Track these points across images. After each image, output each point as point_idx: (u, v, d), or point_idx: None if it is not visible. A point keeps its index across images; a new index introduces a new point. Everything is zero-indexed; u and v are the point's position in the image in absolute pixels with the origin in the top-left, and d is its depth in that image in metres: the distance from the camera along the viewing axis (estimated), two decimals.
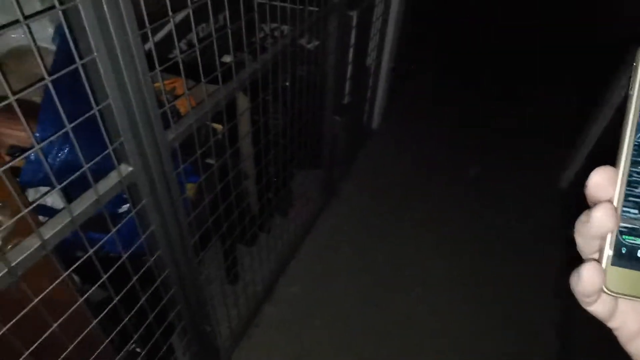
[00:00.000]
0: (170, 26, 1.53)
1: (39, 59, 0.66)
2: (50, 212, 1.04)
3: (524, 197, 2.73)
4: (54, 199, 1.07)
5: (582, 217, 0.31)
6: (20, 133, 0.92)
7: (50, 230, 0.76)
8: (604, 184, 0.31)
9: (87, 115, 0.75)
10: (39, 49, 0.66)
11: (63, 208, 0.78)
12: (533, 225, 2.55)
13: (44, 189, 1.06)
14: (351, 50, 2.15)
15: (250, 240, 2.15)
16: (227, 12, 1.17)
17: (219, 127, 1.45)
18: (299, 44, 1.69)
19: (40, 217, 0.94)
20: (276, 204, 2.24)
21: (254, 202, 2.06)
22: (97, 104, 0.77)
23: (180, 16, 1.54)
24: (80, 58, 0.71)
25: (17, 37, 1.04)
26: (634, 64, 0.31)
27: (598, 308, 0.33)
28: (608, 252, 0.31)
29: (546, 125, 3.32)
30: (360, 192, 2.70)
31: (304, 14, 1.55)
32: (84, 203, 0.81)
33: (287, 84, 1.70)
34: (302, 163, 2.35)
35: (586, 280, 0.31)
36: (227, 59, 1.32)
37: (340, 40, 1.89)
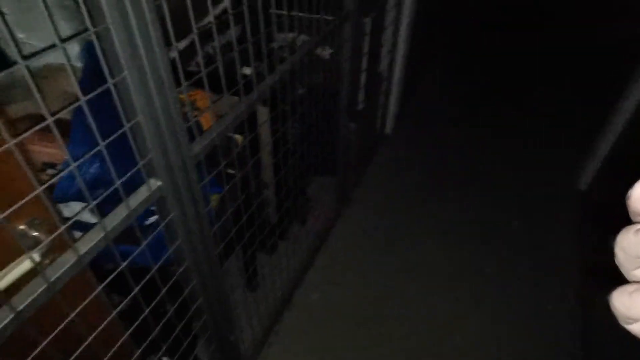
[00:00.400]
0: (188, 39, 1.56)
1: (72, 78, 0.68)
2: (80, 226, 1.06)
3: (542, 200, 2.70)
4: (83, 214, 1.09)
5: (630, 234, 0.29)
6: (52, 150, 0.94)
7: (86, 245, 0.77)
8: None
9: (119, 132, 0.77)
10: (68, 68, 0.68)
11: (96, 223, 0.80)
12: (552, 229, 2.52)
13: (73, 204, 1.09)
14: (365, 57, 2.16)
15: (271, 248, 2.17)
16: (246, 24, 1.19)
17: (239, 138, 1.47)
18: (315, 53, 1.71)
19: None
20: (294, 212, 2.25)
21: (273, 211, 2.08)
22: (128, 121, 0.79)
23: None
24: (111, 77, 0.73)
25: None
26: None
27: (637, 328, 0.31)
28: None
29: (561, 126, 3.29)
30: (375, 199, 2.70)
31: (320, 23, 1.57)
32: (117, 217, 0.83)
33: (304, 92, 1.71)
34: (317, 170, 2.37)
35: (627, 303, 0.29)
36: (247, 71, 1.34)
37: (354, 47, 1.90)
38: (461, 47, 4.30)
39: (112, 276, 0.86)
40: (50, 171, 0.96)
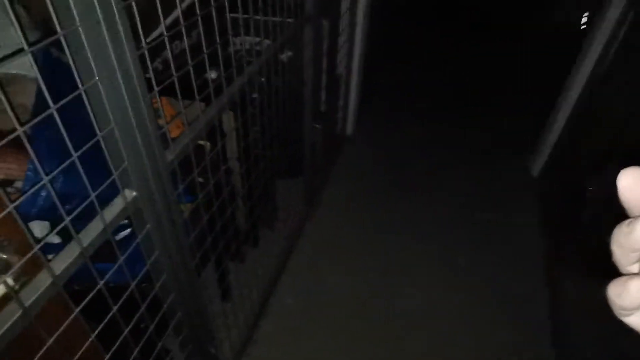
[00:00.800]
0: (156, 39, 1.50)
1: (30, 89, 0.64)
2: (47, 247, 0.98)
3: (502, 189, 2.83)
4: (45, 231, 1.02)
5: (624, 228, 0.29)
6: (10, 165, 0.87)
7: (61, 264, 0.72)
8: (637, 186, 0.29)
9: (92, 142, 0.72)
10: (23, 77, 0.64)
11: (70, 240, 0.75)
12: (516, 217, 2.64)
13: (34, 223, 1.01)
14: (324, 59, 2.18)
15: (241, 256, 2.12)
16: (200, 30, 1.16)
17: (207, 144, 1.43)
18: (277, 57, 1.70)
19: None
20: (263, 217, 2.22)
21: (242, 217, 2.04)
22: (100, 129, 0.75)
23: (155, 33, 1.52)
24: (73, 85, 0.69)
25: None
26: None
27: (633, 320, 0.31)
28: None
29: (513, 117, 3.46)
30: (342, 199, 2.72)
31: (281, 26, 1.56)
32: (92, 233, 0.78)
33: (267, 96, 1.69)
34: (284, 172, 2.35)
35: (632, 297, 0.29)
36: (214, 75, 1.31)
37: (315, 49, 1.91)
38: (416, 47, 4.43)
39: (90, 295, 0.81)
40: (10, 189, 0.89)
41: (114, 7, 0.68)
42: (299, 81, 1.94)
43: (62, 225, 0.68)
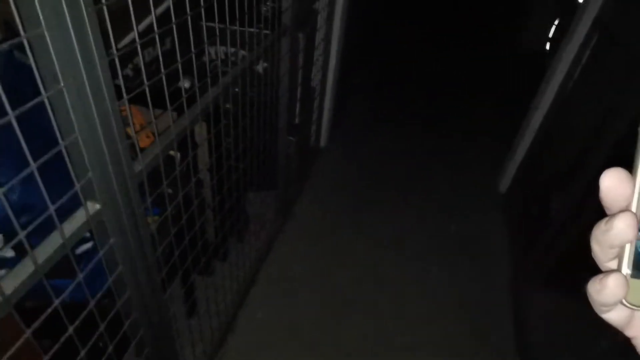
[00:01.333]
0: (128, 44, 1.45)
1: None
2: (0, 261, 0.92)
3: (473, 203, 2.88)
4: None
5: (602, 226, 0.30)
6: None
7: (13, 282, 0.67)
8: (618, 186, 0.30)
9: (54, 151, 0.68)
10: None
11: (25, 256, 0.70)
12: (484, 230, 2.69)
13: None
14: (300, 72, 2.17)
15: (209, 270, 2.06)
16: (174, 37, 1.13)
17: (176, 154, 1.39)
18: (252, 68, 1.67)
19: None
20: (233, 229, 2.17)
21: (211, 230, 1.98)
22: (63, 138, 0.70)
23: (126, 40, 1.47)
24: (36, 91, 0.64)
25: None
26: None
27: (613, 316, 0.32)
28: (627, 264, 0.30)
29: (484, 132, 3.56)
30: (315, 211, 2.70)
31: (259, 37, 1.55)
32: (49, 248, 0.73)
33: (242, 107, 1.67)
34: (256, 185, 2.31)
35: (610, 292, 0.30)
36: (187, 84, 1.28)
37: (291, 62, 1.90)
38: (390, 60, 4.50)
39: (43, 316, 0.75)
40: None
41: (84, 10, 0.65)
42: (274, 93, 1.92)
43: (16, 240, 0.63)
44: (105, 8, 0.70)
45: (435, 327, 2.11)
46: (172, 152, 1.39)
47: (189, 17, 1.12)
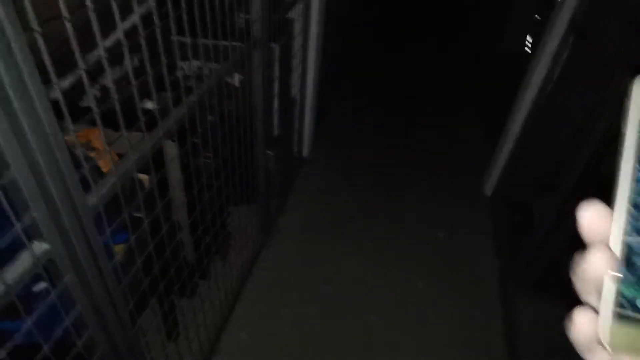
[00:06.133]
0: (75, 74, 1.39)
1: None
2: None
3: (458, 208, 2.86)
4: None
5: (581, 259, 0.29)
6: None
7: None
8: (597, 222, 0.29)
9: None
10: None
11: None
12: (471, 236, 2.66)
13: None
14: (276, 83, 2.13)
15: (190, 291, 2.00)
16: (144, 52, 1.08)
17: (144, 177, 1.33)
18: (225, 81, 1.63)
19: None
20: (214, 247, 2.11)
21: (190, 249, 1.92)
22: None
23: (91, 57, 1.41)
24: None
25: None
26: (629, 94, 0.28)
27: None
28: (608, 302, 0.27)
29: (467, 136, 3.54)
30: (299, 225, 2.65)
31: (228, 50, 1.50)
32: None
33: (215, 122, 1.62)
34: (236, 200, 2.26)
35: (579, 330, 0.28)
36: (149, 104, 1.22)
37: (265, 74, 1.86)
38: (370, 67, 4.48)
39: None
40: None
41: (11, 41, 0.59)
42: (249, 106, 1.88)
43: None
44: (39, 37, 0.65)
45: (424, 338, 2.06)
46: (142, 176, 1.34)
47: (158, 31, 1.08)
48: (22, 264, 0.72)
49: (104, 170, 1.20)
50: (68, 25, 0.71)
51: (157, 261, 1.22)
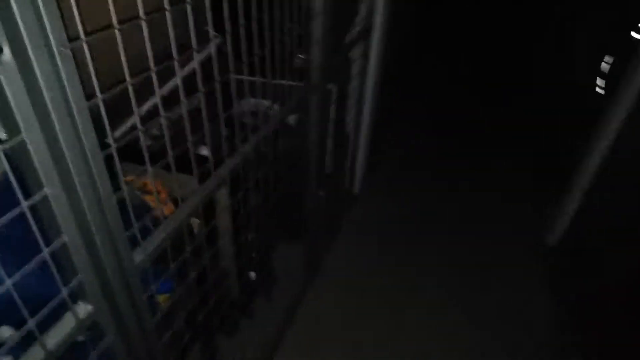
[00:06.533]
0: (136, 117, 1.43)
1: None
2: None
3: (516, 254, 2.65)
4: None
5: None
6: None
7: None
8: None
9: (34, 262, 0.61)
10: None
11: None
12: (529, 284, 2.45)
13: None
14: (331, 123, 2.10)
15: (231, 328, 1.96)
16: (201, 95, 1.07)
17: (195, 222, 1.32)
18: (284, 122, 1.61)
19: None
20: (258, 285, 2.07)
21: (233, 284, 1.89)
22: (49, 242, 0.64)
23: (148, 104, 1.44)
24: (27, 194, 0.58)
25: None
26: None
27: None
28: None
29: (529, 177, 3.32)
30: (347, 265, 2.56)
31: (286, 90, 1.49)
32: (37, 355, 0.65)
33: (269, 164, 1.60)
34: (284, 237, 2.22)
35: None
36: (205, 151, 1.22)
37: (321, 115, 1.83)
38: (428, 102, 4.39)
39: None
40: None
41: (75, 111, 0.59)
42: (304, 147, 1.85)
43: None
44: (101, 103, 0.64)
45: None
46: (193, 220, 1.33)
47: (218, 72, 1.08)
48: (66, 325, 0.70)
49: (156, 210, 1.20)
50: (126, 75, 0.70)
51: (202, 310, 1.19)
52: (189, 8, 0.84)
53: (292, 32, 1.47)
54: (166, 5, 0.76)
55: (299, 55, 1.82)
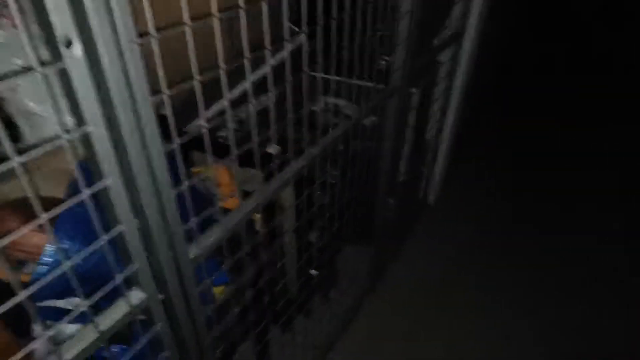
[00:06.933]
0: (217, 106, 1.47)
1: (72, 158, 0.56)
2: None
3: (596, 288, 2.35)
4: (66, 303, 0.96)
5: None
6: (33, 241, 0.83)
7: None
8: None
9: (95, 246, 0.63)
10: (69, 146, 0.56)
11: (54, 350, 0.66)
12: (611, 320, 2.16)
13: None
14: (410, 129, 2.01)
15: (285, 323, 1.97)
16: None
17: (257, 217, 1.33)
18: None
19: None
20: (318, 285, 2.05)
21: (292, 282, 1.89)
22: (108, 229, 0.66)
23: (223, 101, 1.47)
24: (91, 181, 0.60)
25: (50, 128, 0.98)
26: None
27: None
28: None
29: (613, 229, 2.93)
30: (411, 274, 2.45)
31: (364, 91, 1.43)
32: (81, 343, 0.68)
33: (340, 165, 1.56)
34: (349, 238, 2.18)
35: None
36: (272, 150, 1.21)
37: (400, 119, 1.75)
38: (520, 113, 4.06)
39: None
40: (26, 270, 0.85)
41: (139, 105, 0.59)
42: (377, 151, 1.79)
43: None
44: (166, 97, 0.65)
45: None
46: (256, 216, 1.34)
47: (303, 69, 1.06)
48: (116, 314, 0.72)
49: (222, 202, 1.22)
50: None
51: (257, 305, 1.19)
52: (265, 7, 0.83)
53: (376, 31, 1.41)
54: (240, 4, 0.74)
55: (383, 57, 1.75)
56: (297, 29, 1.27)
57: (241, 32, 0.78)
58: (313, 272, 1.88)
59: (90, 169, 0.62)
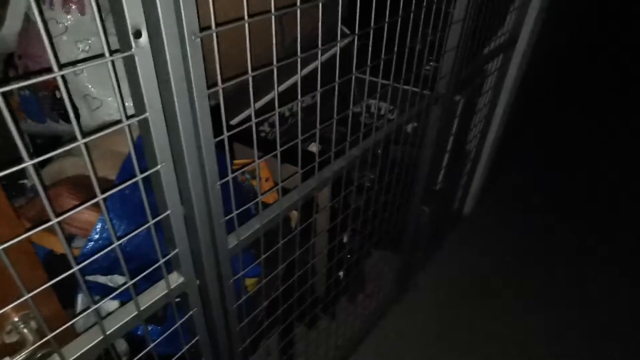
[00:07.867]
0: (263, 101, 1.49)
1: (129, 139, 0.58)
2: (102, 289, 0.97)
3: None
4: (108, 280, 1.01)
5: None
6: (84, 217, 0.87)
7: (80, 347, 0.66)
8: None
9: (142, 228, 0.66)
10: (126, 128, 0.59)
11: (94, 324, 0.69)
12: None
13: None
14: (451, 138, 1.97)
15: (310, 322, 1.98)
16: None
17: (293, 214, 1.34)
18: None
19: None
20: (345, 285, 2.05)
21: (321, 282, 1.90)
22: (156, 213, 0.69)
23: (266, 98, 1.49)
24: (143, 168, 0.63)
25: (108, 111, 1.03)
26: None
27: None
28: None
29: None
30: (441, 287, 2.41)
31: (407, 96, 1.42)
32: (122, 318, 0.71)
33: (378, 169, 1.56)
34: (378, 243, 2.16)
35: None
36: (314, 148, 1.22)
37: (442, 127, 1.73)
38: (566, 126, 3.91)
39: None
40: (74, 244, 0.89)
41: (195, 96, 0.62)
42: (416, 158, 1.77)
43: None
44: (221, 91, 0.67)
45: None
46: (293, 212, 1.35)
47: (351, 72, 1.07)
48: (156, 293, 0.75)
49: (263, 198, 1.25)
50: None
51: (285, 300, 1.20)
52: (321, 6, 0.84)
53: (425, 36, 1.40)
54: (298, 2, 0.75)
55: (430, 62, 1.73)
56: (348, 31, 1.27)
57: (292, 29, 0.80)
58: (341, 274, 1.88)
59: (143, 154, 0.65)
